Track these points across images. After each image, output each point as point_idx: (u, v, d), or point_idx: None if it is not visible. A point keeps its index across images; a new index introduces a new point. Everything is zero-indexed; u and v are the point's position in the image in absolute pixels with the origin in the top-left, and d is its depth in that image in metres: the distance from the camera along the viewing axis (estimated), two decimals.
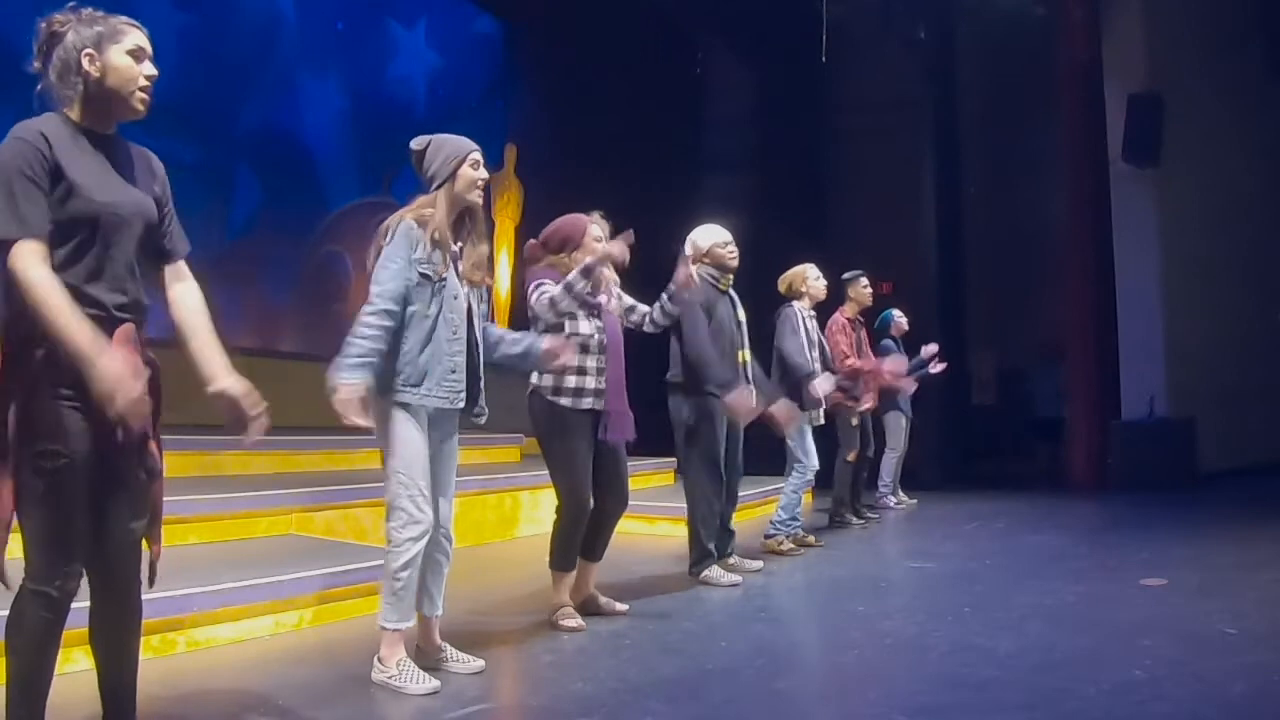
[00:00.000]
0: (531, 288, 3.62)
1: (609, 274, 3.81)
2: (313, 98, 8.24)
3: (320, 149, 8.31)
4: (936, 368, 7.35)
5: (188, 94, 6.46)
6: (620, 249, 3.52)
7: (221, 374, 2.11)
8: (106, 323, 1.98)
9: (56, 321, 1.87)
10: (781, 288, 5.63)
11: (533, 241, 3.83)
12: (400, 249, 2.87)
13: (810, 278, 5.63)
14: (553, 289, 3.50)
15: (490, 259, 3.14)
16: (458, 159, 2.97)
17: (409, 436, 2.87)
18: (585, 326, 3.65)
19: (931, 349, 7.32)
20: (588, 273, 3.45)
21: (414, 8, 9.34)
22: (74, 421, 1.94)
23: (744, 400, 4.37)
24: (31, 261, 1.88)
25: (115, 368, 1.87)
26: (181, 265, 2.23)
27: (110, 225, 1.99)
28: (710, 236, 4.65)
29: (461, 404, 2.99)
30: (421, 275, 2.88)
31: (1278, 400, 9.59)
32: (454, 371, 2.95)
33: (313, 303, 7.97)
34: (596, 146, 9.26)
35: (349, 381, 2.70)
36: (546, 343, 3.19)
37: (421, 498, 2.86)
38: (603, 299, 3.77)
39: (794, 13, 9.83)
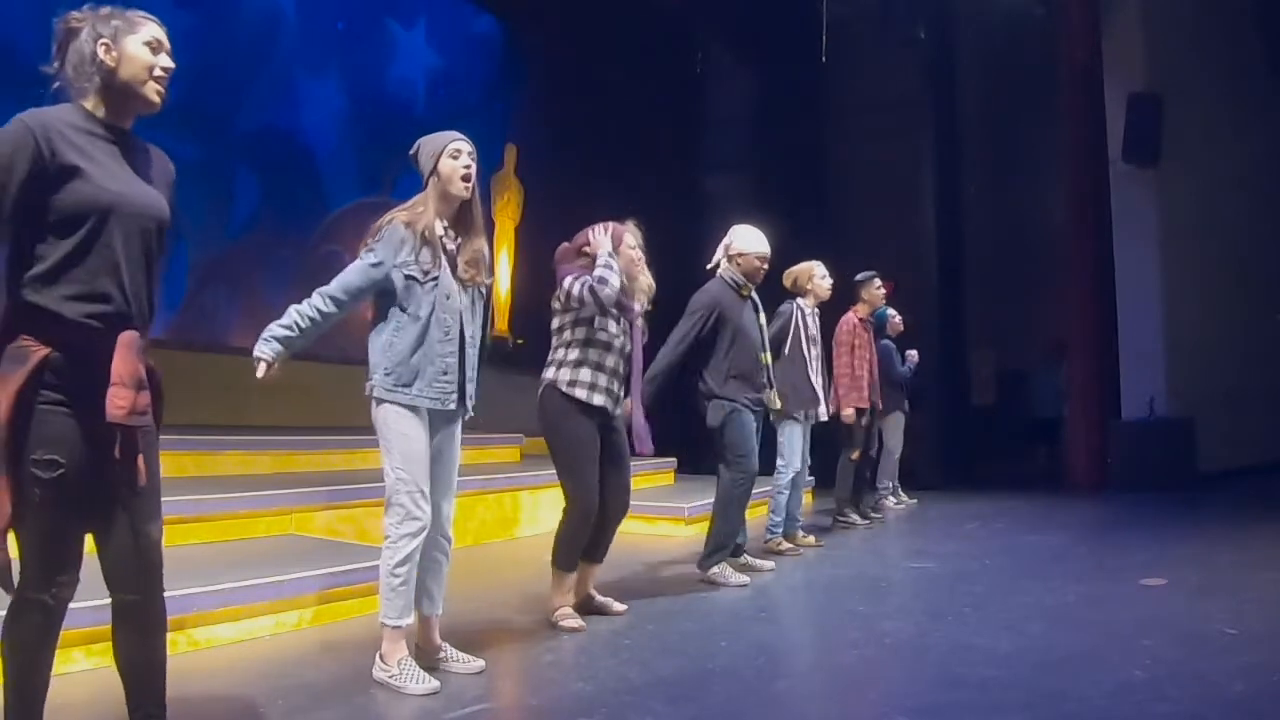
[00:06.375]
0: (569, 280, 3.63)
1: (646, 281, 3.89)
2: (313, 98, 8.22)
3: (320, 149, 8.29)
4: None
5: (188, 93, 6.44)
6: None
7: None
8: (113, 321, 1.94)
9: None
10: (786, 283, 5.55)
11: (565, 245, 3.83)
12: (382, 250, 2.90)
13: (817, 275, 5.57)
14: (603, 271, 3.53)
15: (488, 257, 3.11)
16: (437, 153, 2.99)
17: (407, 434, 2.87)
18: (614, 327, 3.72)
19: (913, 356, 7.49)
20: (612, 259, 3.57)
21: (414, 8, 9.33)
22: (71, 430, 1.90)
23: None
24: None
25: None
26: None
27: (120, 217, 1.95)
28: (753, 244, 4.59)
29: (453, 405, 2.98)
30: (408, 278, 2.88)
31: (1278, 400, 9.59)
32: (446, 373, 2.94)
33: None
34: (596, 146, 9.26)
35: (263, 355, 2.79)
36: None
37: (420, 495, 2.86)
38: (636, 306, 3.83)
39: (794, 13, 9.84)
